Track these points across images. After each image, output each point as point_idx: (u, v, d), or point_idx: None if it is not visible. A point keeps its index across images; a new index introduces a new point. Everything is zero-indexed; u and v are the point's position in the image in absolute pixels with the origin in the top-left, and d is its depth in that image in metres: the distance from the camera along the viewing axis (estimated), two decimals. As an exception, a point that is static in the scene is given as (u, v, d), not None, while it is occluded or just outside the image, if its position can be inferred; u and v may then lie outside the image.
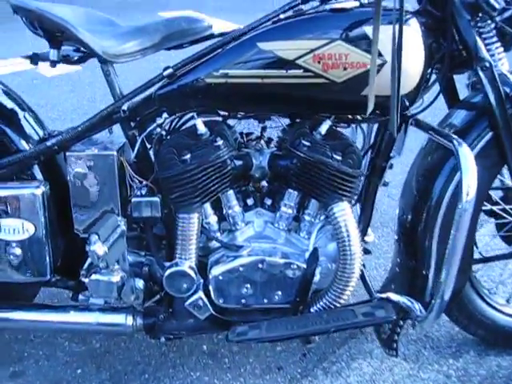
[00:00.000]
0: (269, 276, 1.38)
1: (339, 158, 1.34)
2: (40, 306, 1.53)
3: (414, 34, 1.27)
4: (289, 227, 1.43)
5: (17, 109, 1.46)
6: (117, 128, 1.44)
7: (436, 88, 1.41)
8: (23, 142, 1.40)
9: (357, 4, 1.27)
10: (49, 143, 1.35)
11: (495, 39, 1.34)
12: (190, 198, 1.35)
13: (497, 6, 1.27)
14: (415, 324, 1.33)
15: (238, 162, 1.39)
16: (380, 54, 1.23)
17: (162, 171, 1.35)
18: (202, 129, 1.35)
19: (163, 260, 1.44)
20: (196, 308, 1.39)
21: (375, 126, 1.49)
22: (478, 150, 1.34)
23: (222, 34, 1.38)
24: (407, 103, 1.33)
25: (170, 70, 1.33)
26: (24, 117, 1.46)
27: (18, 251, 1.35)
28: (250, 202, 1.45)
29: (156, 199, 1.39)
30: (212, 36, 1.40)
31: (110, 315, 1.45)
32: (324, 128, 1.35)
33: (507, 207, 1.50)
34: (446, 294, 1.27)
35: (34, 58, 1.38)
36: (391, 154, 1.45)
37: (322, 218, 1.43)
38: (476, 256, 1.55)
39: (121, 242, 1.31)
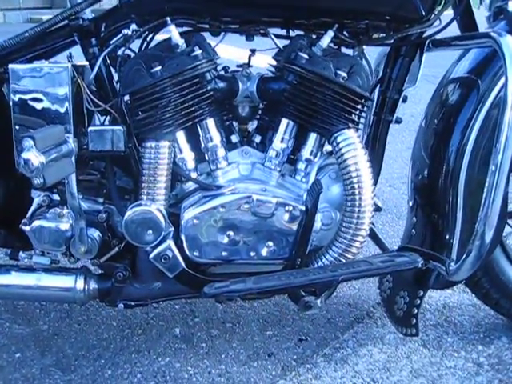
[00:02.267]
0: (257, 220, 1.10)
1: (344, 74, 1.10)
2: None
3: None
4: (282, 170, 1.16)
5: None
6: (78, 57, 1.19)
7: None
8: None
9: None
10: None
11: None
12: (160, 120, 1.08)
13: None
14: (448, 273, 1.03)
15: (221, 84, 1.13)
16: None
17: (126, 87, 1.10)
18: (177, 38, 1.10)
19: (126, 209, 1.16)
20: (163, 261, 1.09)
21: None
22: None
23: None
24: (423, 10, 1.09)
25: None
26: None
27: None
28: (234, 139, 1.18)
29: (119, 128, 1.12)
30: None
31: (56, 276, 1.16)
32: (326, 40, 1.11)
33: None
34: (487, 236, 0.98)
35: None
36: (405, 85, 1.21)
37: (323, 156, 1.17)
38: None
39: (66, 161, 1.02)
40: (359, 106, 1.11)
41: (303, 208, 1.10)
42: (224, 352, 1.27)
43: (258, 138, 1.19)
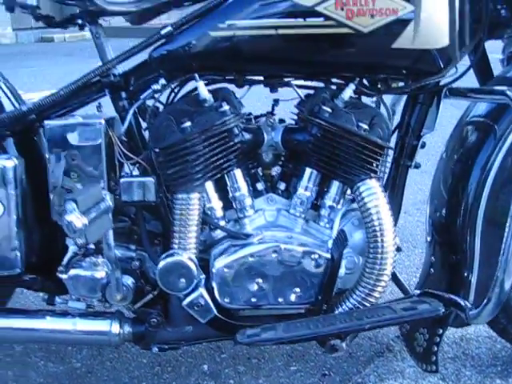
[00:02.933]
0: (285, 268, 1.15)
1: (366, 126, 1.15)
2: (8, 310, 1.29)
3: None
4: (307, 216, 1.21)
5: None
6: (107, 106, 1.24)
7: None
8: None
9: None
10: (24, 108, 1.15)
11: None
12: (190, 174, 1.14)
13: None
14: (467, 318, 1.08)
15: (247, 136, 1.18)
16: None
17: (157, 142, 1.15)
18: (204, 93, 1.16)
19: (157, 255, 1.21)
20: (196, 308, 1.15)
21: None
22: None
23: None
24: (441, 63, 1.14)
25: (168, 29, 1.15)
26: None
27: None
28: (259, 186, 1.23)
29: (150, 179, 1.18)
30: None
31: (92, 321, 1.21)
32: (347, 93, 1.16)
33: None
34: (507, 284, 1.03)
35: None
36: (423, 131, 1.25)
37: (346, 202, 1.22)
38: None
39: (105, 218, 1.08)
40: (381, 157, 1.16)
41: (328, 256, 1.15)
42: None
43: (282, 185, 1.24)
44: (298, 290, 1.16)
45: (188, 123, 1.14)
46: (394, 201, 1.27)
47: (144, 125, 1.25)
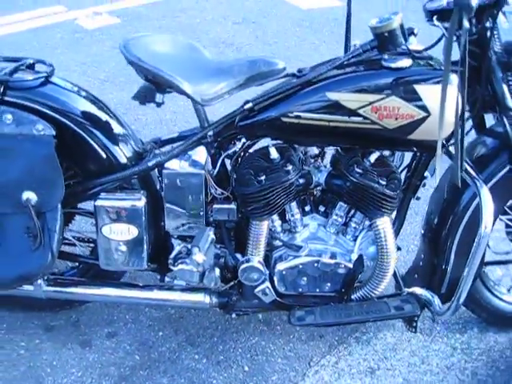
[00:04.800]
0: (321, 272, 1.74)
1: (384, 183, 1.66)
2: (131, 285, 1.90)
3: (454, 89, 1.55)
4: (337, 229, 1.78)
5: (114, 124, 1.75)
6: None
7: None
8: (123, 157, 1.70)
9: (410, 62, 1.55)
10: (150, 164, 1.67)
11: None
12: (263, 211, 1.68)
13: None
14: (434, 317, 1.72)
15: (302, 180, 1.71)
16: (426, 109, 1.52)
17: (241, 187, 1.68)
18: (274, 154, 1.67)
19: (234, 251, 1.80)
20: (263, 294, 1.77)
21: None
22: (497, 179, 1.68)
23: (293, 75, 1.65)
24: (445, 143, 1.62)
25: (249, 105, 1.62)
26: (121, 132, 1.75)
27: (124, 248, 1.70)
28: (307, 208, 1.79)
29: (233, 207, 1.73)
30: (285, 75, 1.68)
31: (190, 294, 1.83)
32: (373, 157, 1.67)
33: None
34: (462, 297, 1.64)
35: (142, 99, 1.66)
36: (425, 174, 1.77)
37: (366, 224, 1.78)
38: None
39: (212, 248, 1.67)
40: (393, 204, 1.69)
41: (349, 265, 1.73)
42: (292, 333, 1.98)
43: (322, 208, 1.79)
44: (329, 284, 1.77)
45: (263, 177, 1.66)
46: (398, 220, 1.84)
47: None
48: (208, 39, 4.23)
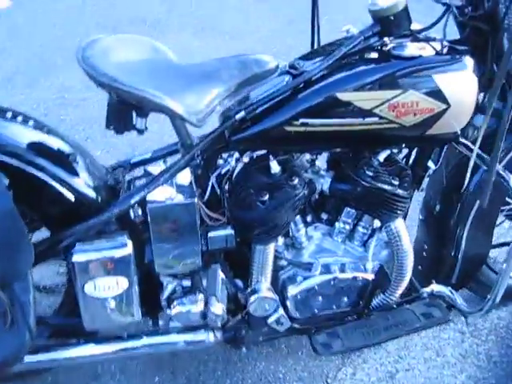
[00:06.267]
0: (339, 288, 1.57)
1: (396, 182, 1.50)
2: (120, 337, 1.58)
3: (470, 74, 1.39)
4: (344, 238, 1.60)
5: (75, 154, 1.42)
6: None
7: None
8: (94, 196, 1.39)
9: (423, 49, 1.36)
10: (132, 201, 1.36)
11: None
12: (270, 235, 1.46)
13: None
14: (466, 319, 1.62)
15: (306, 192, 1.49)
16: (446, 100, 1.36)
17: (243, 212, 1.44)
18: (276, 168, 1.43)
19: (238, 280, 1.57)
20: (278, 324, 1.56)
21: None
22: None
23: (287, 73, 1.40)
24: (459, 132, 1.47)
25: (242, 114, 1.36)
26: (85, 164, 1.42)
27: (113, 304, 1.41)
28: (308, 218, 1.58)
29: (230, 232, 1.48)
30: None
31: (191, 334, 1.58)
32: (382, 156, 1.49)
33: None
34: (499, 296, 1.54)
35: (119, 127, 1.33)
36: (428, 164, 1.63)
37: (374, 227, 1.61)
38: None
39: (224, 288, 1.42)
40: (406, 204, 1.53)
41: (367, 276, 1.57)
42: (300, 350, 1.81)
43: (325, 216, 1.60)
44: (345, 299, 1.60)
45: (266, 196, 1.42)
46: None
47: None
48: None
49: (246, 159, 1.45)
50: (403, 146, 1.51)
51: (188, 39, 3.51)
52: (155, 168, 1.50)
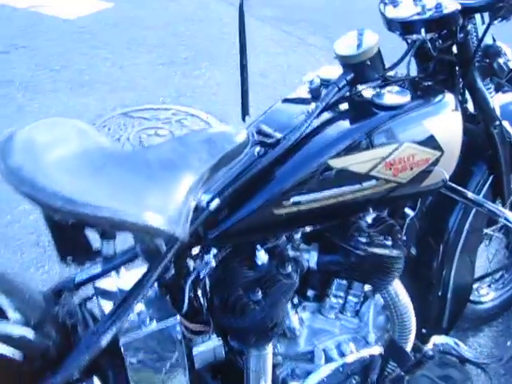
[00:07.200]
0: (349, 372, 1.35)
1: (389, 243, 1.32)
2: None
3: (454, 110, 1.26)
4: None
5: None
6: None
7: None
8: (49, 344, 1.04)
9: (407, 95, 1.20)
10: (103, 342, 1.01)
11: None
12: (268, 336, 1.20)
13: (505, 68, 1.34)
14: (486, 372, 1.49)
15: (295, 277, 1.25)
16: (439, 147, 1.21)
17: (235, 320, 1.16)
18: (264, 258, 1.18)
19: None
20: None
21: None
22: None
23: (260, 143, 1.16)
24: (447, 178, 1.32)
25: (216, 202, 1.09)
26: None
27: None
28: (295, 300, 1.35)
29: (219, 343, 1.21)
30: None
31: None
32: (370, 218, 1.29)
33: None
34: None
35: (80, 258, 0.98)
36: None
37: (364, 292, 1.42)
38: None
39: None
40: (402, 262, 1.36)
41: (373, 352, 1.37)
42: None
43: (311, 293, 1.36)
44: (356, 377, 1.39)
45: (259, 294, 1.17)
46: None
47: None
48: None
49: (223, 254, 1.18)
50: (398, 204, 1.34)
51: (66, 96, 3.09)
52: (109, 283, 1.17)
